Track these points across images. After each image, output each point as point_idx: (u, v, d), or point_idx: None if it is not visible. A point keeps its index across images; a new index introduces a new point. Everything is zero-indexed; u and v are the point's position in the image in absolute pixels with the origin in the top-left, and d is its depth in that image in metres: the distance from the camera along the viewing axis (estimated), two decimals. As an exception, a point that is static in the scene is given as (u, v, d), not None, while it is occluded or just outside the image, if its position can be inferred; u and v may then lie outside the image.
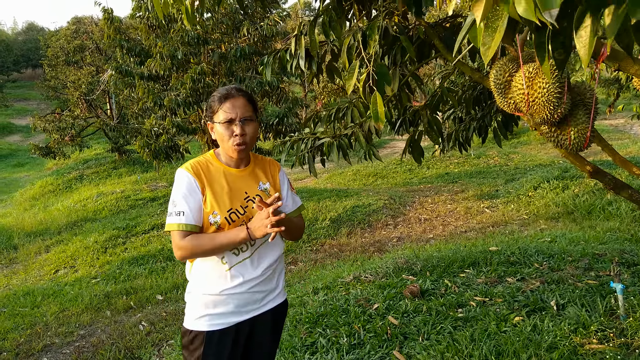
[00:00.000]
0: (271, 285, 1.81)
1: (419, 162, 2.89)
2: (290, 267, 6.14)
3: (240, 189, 1.76)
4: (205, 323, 1.70)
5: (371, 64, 1.67)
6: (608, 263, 3.87)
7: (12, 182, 17.07)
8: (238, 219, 1.71)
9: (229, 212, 1.69)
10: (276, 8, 9.95)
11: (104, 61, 19.19)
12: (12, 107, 30.63)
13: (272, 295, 1.82)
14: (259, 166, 1.86)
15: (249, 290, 1.73)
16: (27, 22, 61.58)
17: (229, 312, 1.71)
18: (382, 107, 1.56)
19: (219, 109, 1.71)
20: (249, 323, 1.76)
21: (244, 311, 1.74)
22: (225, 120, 1.70)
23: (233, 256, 1.72)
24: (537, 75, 1.50)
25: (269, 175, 1.86)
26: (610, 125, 17.49)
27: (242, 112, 1.71)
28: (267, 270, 1.78)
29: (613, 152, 2.34)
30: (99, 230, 8.62)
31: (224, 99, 1.71)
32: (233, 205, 1.71)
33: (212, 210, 1.68)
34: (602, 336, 2.61)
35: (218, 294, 1.70)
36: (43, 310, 4.98)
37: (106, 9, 9.38)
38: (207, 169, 1.74)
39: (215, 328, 1.70)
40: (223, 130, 1.71)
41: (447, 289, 3.66)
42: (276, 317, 1.85)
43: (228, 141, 1.71)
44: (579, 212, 6.89)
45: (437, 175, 12.09)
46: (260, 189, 1.80)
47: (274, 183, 1.86)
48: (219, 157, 1.80)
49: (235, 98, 1.72)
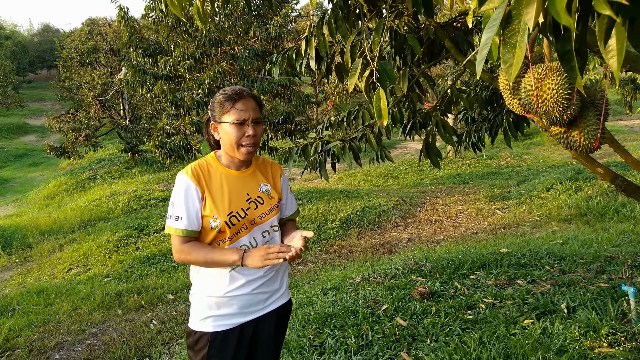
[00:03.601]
0: (275, 285, 1.80)
1: (437, 165, 2.85)
2: (299, 268, 6.15)
3: (241, 191, 1.74)
4: (209, 324, 1.70)
5: (374, 62, 1.66)
6: (621, 266, 3.82)
7: (27, 182, 17.31)
8: (238, 222, 1.69)
9: (229, 215, 1.68)
10: (284, 8, 9.94)
11: (118, 62, 19.40)
12: (28, 108, 31.06)
13: (277, 296, 1.82)
14: (260, 168, 1.84)
15: (253, 291, 1.72)
16: (42, 24, 62.50)
17: (233, 313, 1.71)
18: (385, 103, 1.54)
19: (231, 109, 1.67)
20: (253, 324, 1.76)
21: (247, 312, 1.74)
22: (238, 121, 1.67)
23: None
24: (547, 76, 1.49)
25: (269, 177, 1.85)
26: (625, 126, 17.25)
27: (254, 114, 1.70)
28: (270, 271, 1.77)
29: (625, 154, 2.32)
30: (112, 229, 8.71)
31: (237, 98, 1.68)
32: (233, 209, 1.69)
33: (212, 214, 1.67)
34: (613, 340, 2.58)
35: (222, 295, 1.70)
36: (56, 308, 5.04)
37: (122, 7, 9.45)
38: (208, 172, 1.72)
39: (219, 329, 1.70)
40: (234, 131, 1.67)
41: (457, 291, 3.64)
42: (280, 317, 1.85)
43: (237, 143, 1.68)
44: (592, 214, 6.81)
45: (449, 176, 12.02)
46: (261, 191, 1.78)
47: (274, 185, 1.84)
48: (219, 159, 1.78)
49: (247, 99, 1.70)
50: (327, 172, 2.76)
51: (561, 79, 1.47)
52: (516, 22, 0.95)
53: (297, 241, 1.66)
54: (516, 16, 0.96)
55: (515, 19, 0.96)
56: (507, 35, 0.96)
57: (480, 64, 1.00)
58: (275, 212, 1.80)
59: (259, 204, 1.75)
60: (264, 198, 1.77)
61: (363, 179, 12.97)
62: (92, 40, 21.39)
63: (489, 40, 0.97)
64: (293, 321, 3.46)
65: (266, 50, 9.15)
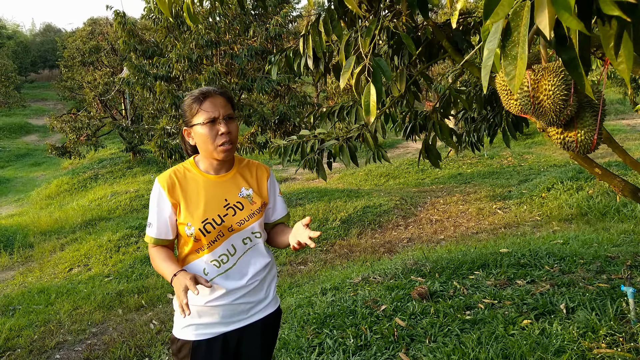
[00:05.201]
0: (259, 295, 1.74)
1: (437, 165, 2.86)
2: (300, 267, 6.15)
3: (218, 197, 1.67)
4: (191, 332, 1.67)
5: (367, 58, 1.65)
6: (621, 266, 3.81)
7: (28, 181, 17.34)
8: (214, 229, 1.63)
9: (204, 222, 1.61)
10: (284, 8, 9.92)
11: (119, 62, 19.42)
12: (30, 107, 31.13)
13: (261, 306, 1.75)
14: (242, 171, 1.76)
15: (234, 302, 1.67)
16: (44, 24, 62.54)
17: (215, 322, 1.67)
18: (374, 99, 1.52)
19: (199, 110, 1.61)
20: (237, 333, 1.71)
21: (230, 322, 1.69)
22: (208, 120, 1.59)
23: (214, 268, 1.66)
24: (543, 77, 1.48)
25: (253, 180, 1.76)
26: (627, 125, 17.20)
27: (225, 111, 1.62)
28: (253, 281, 1.71)
29: (624, 154, 2.31)
30: (113, 229, 8.72)
31: (203, 98, 1.61)
32: (208, 216, 1.63)
33: (185, 221, 1.62)
34: (612, 340, 2.58)
35: (203, 305, 1.65)
36: (57, 308, 5.05)
37: (118, 13, 9.47)
38: (184, 178, 1.67)
39: (201, 337, 1.66)
40: (206, 132, 1.60)
41: (456, 291, 3.64)
42: (267, 328, 1.78)
43: (213, 143, 1.61)
44: (592, 214, 6.79)
45: (450, 176, 12.01)
46: (241, 196, 1.70)
47: (258, 189, 1.75)
48: (198, 164, 1.71)
49: (214, 97, 1.63)
50: (325, 172, 2.75)
51: (558, 80, 1.47)
52: (515, 34, 0.93)
53: (304, 236, 1.56)
54: (515, 28, 0.95)
55: (514, 30, 0.95)
56: (507, 48, 0.95)
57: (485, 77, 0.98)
58: (257, 217, 1.72)
59: (238, 210, 1.68)
60: (243, 203, 1.70)
61: (364, 179, 12.96)
62: (94, 40, 21.40)
63: (492, 53, 0.95)
64: (292, 321, 3.46)
65: (266, 50, 9.15)
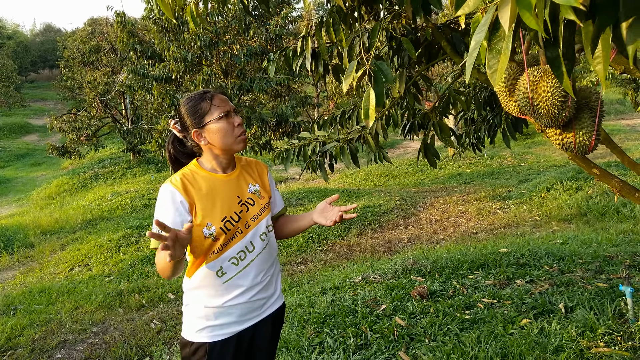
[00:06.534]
0: (270, 290, 1.79)
1: (434, 165, 2.87)
2: (300, 267, 6.17)
3: (232, 194, 1.70)
4: (207, 335, 1.66)
5: (369, 62, 1.66)
6: (619, 266, 3.83)
7: (29, 181, 17.36)
8: (233, 226, 1.65)
9: (224, 221, 1.63)
10: (285, 9, 9.94)
11: (119, 62, 19.44)
12: (30, 107, 31.14)
13: (272, 300, 1.80)
14: (245, 168, 1.81)
15: (250, 299, 1.70)
16: (44, 24, 62.54)
17: (231, 322, 1.68)
18: (373, 104, 1.53)
19: (211, 106, 1.65)
20: (250, 330, 1.73)
21: (245, 320, 1.70)
22: (224, 113, 1.64)
23: (232, 266, 1.67)
24: (542, 79, 1.50)
25: (256, 176, 1.82)
26: (627, 125, 17.23)
27: (231, 105, 1.69)
28: (267, 276, 1.76)
29: (622, 154, 2.33)
30: (113, 229, 8.74)
31: (210, 97, 1.66)
32: (226, 214, 1.64)
33: (205, 222, 1.60)
34: (610, 339, 2.59)
35: (220, 306, 1.66)
36: (58, 308, 5.07)
37: (118, 13, 9.49)
38: (194, 180, 1.65)
39: (217, 339, 1.66)
40: (224, 125, 1.64)
41: (455, 291, 3.66)
42: (275, 320, 1.83)
43: (232, 134, 1.65)
44: (592, 214, 6.81)
45: (450, 176, 12.03)
46: (250, 192, 1.75)
47: (262, 184, 1.82)
48: (203, 165, 1.72)
49: (218, 94, 1.68)
50: (327, 173, 2.77)
51: (556, 82, 1.49)
52: (502, 29, 0.96)
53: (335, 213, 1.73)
54: (502, 23, 0.97)
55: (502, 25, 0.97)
56: (493, 41, 0.97)
57: (469, 67, 1.01)
58: (267, 211, 1.78)
59: (250, 206, 1.72)
60: (254, 199, 1.74)
61: (364, 179, 12.98)
62: (94, 40, 21.43)
63: (478, 44, 0.98)
64: (292, 320, 3.48)
65: (265, 50, 9.16)
